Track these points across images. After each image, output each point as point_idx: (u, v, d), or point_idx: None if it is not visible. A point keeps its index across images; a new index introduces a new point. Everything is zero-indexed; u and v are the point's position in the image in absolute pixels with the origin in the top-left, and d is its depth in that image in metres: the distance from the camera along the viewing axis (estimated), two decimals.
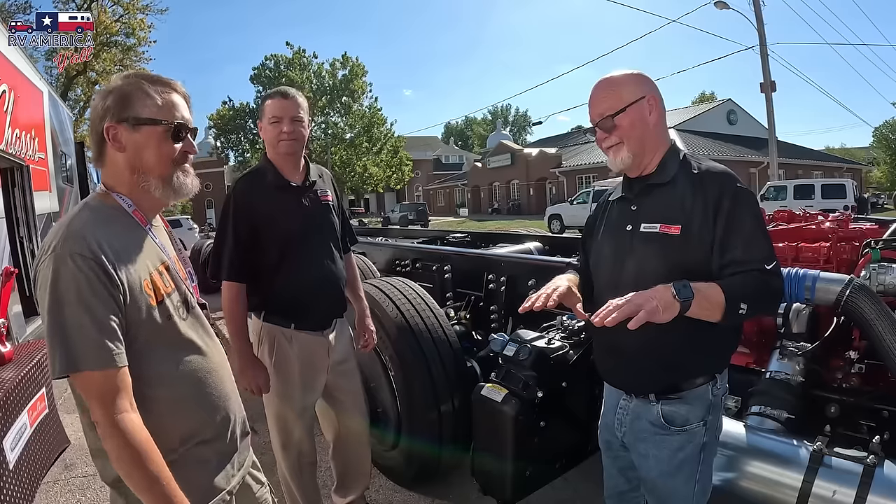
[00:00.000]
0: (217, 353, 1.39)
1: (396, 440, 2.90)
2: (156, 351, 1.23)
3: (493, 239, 5.22)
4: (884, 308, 1.99)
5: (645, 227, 1.56)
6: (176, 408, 1.26)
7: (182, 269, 1.40)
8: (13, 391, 2.98)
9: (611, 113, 1.55)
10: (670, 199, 1.54)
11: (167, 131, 1.26)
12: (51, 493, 3.22)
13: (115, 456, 1.10)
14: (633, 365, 1.61)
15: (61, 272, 1.10)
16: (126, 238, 1.23)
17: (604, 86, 1.60)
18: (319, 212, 2.42)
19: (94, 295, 1.10)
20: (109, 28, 22.46)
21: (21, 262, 6.23)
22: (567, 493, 2.83)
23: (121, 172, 1.27)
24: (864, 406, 2.11)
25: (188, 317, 1.32)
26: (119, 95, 1.23)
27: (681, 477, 1.60)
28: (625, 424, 1.69)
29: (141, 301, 1.19)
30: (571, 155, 37.85)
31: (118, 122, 1.22)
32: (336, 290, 2.43)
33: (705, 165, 1.56)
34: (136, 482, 1.11)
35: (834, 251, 2.69)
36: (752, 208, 1.49)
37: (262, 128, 2.33)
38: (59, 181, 8.10)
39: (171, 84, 1.31)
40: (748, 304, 1.39)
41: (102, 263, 1.12)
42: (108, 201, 1.27)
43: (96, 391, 1.10)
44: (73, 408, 4.55)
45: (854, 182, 20.86)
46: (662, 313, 1.32)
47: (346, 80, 39.73)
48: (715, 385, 1.58)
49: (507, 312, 3.31)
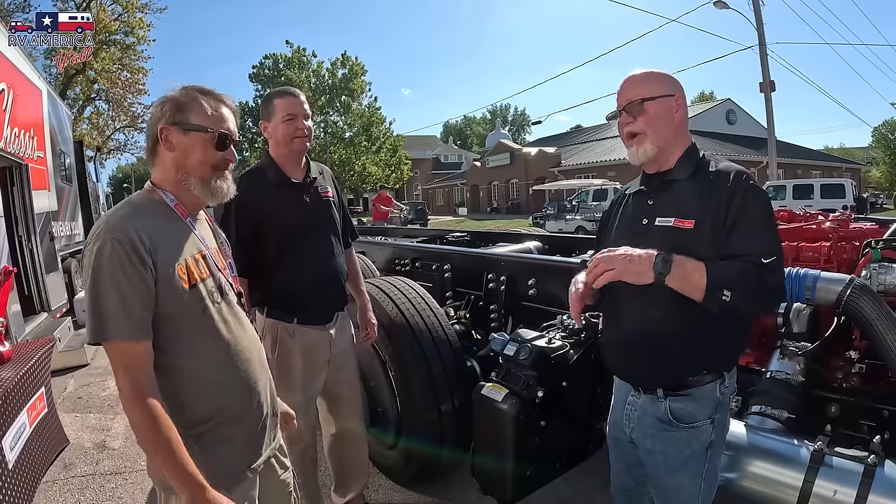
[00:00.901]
0: (247, 339, 1.50)
1: (396, 440, 2.89)
2: (186, 330, 1.35)
3: (492, 238, 5.21)
4: (884, 308, 1.98)
5: (660, 221, 1.60)
6: (202, 386, 1.37)
7: (222, 260, 1.53)
8: (12, 390, 2.97)
9: (642, 97, 1.59)
10: (686, 195, 1.58)
11: (212, 139, 1.41)
12: (49, 492, 3.22)
13: (138, 424, 1.22)
14: (641, 360, 1.63)
15: (100, 254, 1.24)
16: (165, 228, 1.36)
17: (637, 76, 1.65)
18: (320, 208, 2.45)
19: (126, 275, 1.24)
20: (108, 27, 22.38)
21: (20, 261, 6.22)
22: (567, 493, 2.83)
23: (168, 170, 1.42)
24: (865, 406, 2.11)
25: (222, 303, 1.44)
26: (175, 103, 1.40)
27: (687, 474, 1.61)
28: (633, 420, 1.71)
29: (173, 283, 1.32)
30: (570, 154, 37.89)
31: (171, 125, 1.39)
32: (337, 285, 2.47)
33: (723, 164, 1.59)
34: (157, 448, 1.22)
35: (834, 251, 2.69)
36: (762, 204, 1.50)
37: (272, 126, 2.34)
38: (57, 180, 8.06)
39: (222, 98, 1.47)
40: (734, 292, 1.40)
41: (136, 247, 1.26)
42: (153, 196, 1.42)
43: (121, 360, 1.25)
44: (72, 407, 4.58)
45: (853, 182, 20.88)
46: (634, 277, 1.45)
47: (345, 80, 39.72)
48: (723, 383, 1.60)
49: (506, 312, 3.30)
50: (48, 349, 3.81)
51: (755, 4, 18.06)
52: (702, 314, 1.47)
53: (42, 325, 6.13)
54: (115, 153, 26.94)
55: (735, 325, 1.59)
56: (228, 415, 1.41)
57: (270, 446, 1.56)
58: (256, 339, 1.57)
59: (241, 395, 1.44)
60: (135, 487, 3.25)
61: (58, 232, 7.66)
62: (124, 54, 23.88)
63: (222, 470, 1.37)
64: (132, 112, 24.83)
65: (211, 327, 1.39)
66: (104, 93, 24.44)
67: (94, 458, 3.65)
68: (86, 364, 5.88)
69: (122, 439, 3.93)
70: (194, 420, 1.35)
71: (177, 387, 1.33)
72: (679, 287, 1.45)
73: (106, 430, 4.11)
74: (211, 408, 1.38)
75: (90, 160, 13.75)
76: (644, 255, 1.46)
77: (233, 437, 1.41)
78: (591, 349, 2.28)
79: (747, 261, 1.43)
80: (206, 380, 1.37)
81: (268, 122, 2.35)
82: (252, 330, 1.57)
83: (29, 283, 6.43)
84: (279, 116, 2.31)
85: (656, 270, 1.43)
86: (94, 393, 5.01)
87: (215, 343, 1.40)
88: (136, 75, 24.41)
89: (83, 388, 5.15)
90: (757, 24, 18.12)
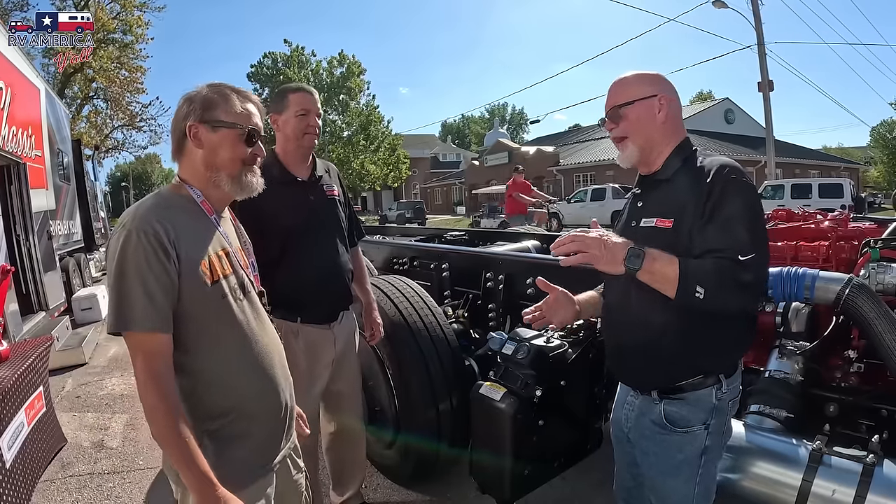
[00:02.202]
0: (268, 337, 1.51)
1: (394, 439, 2.89)
2: (207, 325, 1.35)
3: (490, 237, 5.22)
4: (883, 307, 1.99)
5: (644, 222, 1.60)
6: (220, 381, 1.37)
7: (245, 258, 1.55)
8: (10, 390, 2.96)
9: (618, 104, 1.61)
10: (669, 195, 1.57)
11: (241, 135, 1.42)
12: (47, 492, 3.21)
13: (151, 412, 1.23)
14: (636, 361, 1.63)
15: (126, 245, 1.25)
16: (190, 223, 1.37)
17: (619, 81, 1.66)
18: (324, 206, 2.45)
19: (150, 268, 1.24)
20: (107, 25, 22.30)
21: (17, 259, 6.21)
22: (565, 492, 2.83)
23: (196, 167, 1.43)
24: (864, 405, 2.11)
25: (244, 300, 1.45)
26: (203, 100, 1.40)
27: (680, 478, 1.60)
28: (630, 420, 1.72)
29: (197, 278, 1.32)
30: (569, 153, 37.87)
31: (200, 122, 1.39)
32: (340, 284, 2.47)
33: (709, 160, 1.55)
34: (167, 438, 1.23)
35: (833, 250, 2.69)
36: (743, 197, 1.45)
37: (284, 119, 2.34)
38: (55, 179, 8.05)
39: (249, 95, 1.48)
40: (706, 289, 1.37)
41: (162, 241, 1.26)
42: (180, 192, 1.43)
43: (140, 351, 1.25)
44: (70, 406, 4.57)
45: (851, 181, 20.91)
46: (603, 265, 1.44)
47: (343, 78, 39.62)
48: (720, 388, 1.56)
49: (505, 311, 3.30)
50: (46, 348, 3.80)
51: (754, 4, 18.07)
52: (699, 315, 1.44)
53: (40, 324, 6.12)
54: (113, 152, 26.80)
55: (733, 328, 1.54)
56: (247, 411, 1.41)
57: (287, 445, 1.56)
58: (277, 337, 1.57)
59: (260, 391, 1.45)
60: (133, 487, 3.25)
61: (56, 231, 7.65)
62: (122, 53, 23.78)
63: (238, 466, 1.38)
64: (130, 111, 24.74)
65: (232, 323, 1.40)
66: (102, 91, 24.36)
67: (92, 458, 3.65)
68: (84, 363, 5.87)
69: (120, 438, 3.93)
70: (212, 414, 1.36)
71: (195, 381, 1.33)
72: (650, 281, 1.43)
73: (104, 430, 4.11)
74: (229, 403, 1.38)
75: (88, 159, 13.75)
76: (620, 243, 1.44)
77: (250, 433, 1.42)
78: (589, 348, 2.28)
79: (722, 256, 1.38)
80: (225, 375, 1.38)
81: (279, 115, 2.35)
82: (273, 329, 1.57)
83: (27, 281, 6.43)
84: (292, 111, 2.32)
85: (627, 263, 1.41)
86: (92, 392, 5.01)
87: (236, 339, 1.40)
88: (135, 74, 24.31)
89: (81, 388, 5.14)
90: (756, 23, 18.14)
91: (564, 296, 1.81)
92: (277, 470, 1.52)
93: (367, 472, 2.99)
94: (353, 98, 40.16)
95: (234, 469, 1.36)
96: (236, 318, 1.40)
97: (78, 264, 9.29)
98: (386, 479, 3.12)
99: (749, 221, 1.43)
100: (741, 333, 1.60)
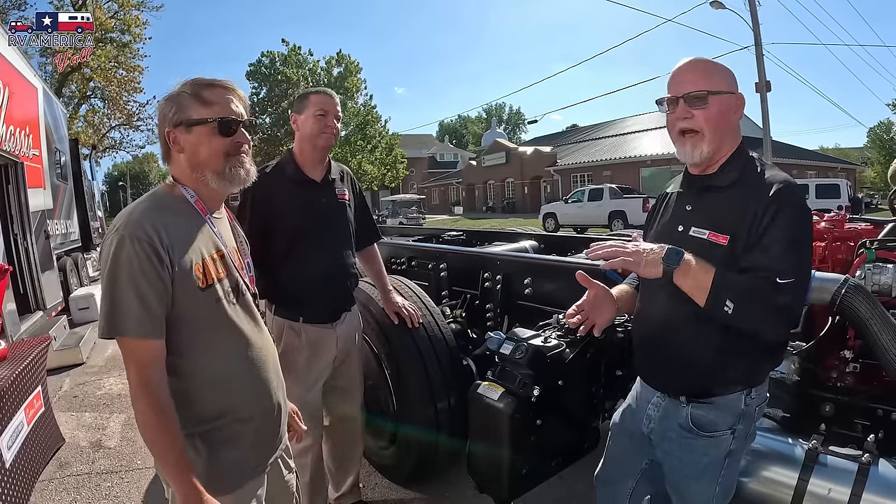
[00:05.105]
0: (262, 340, 1.50)
1: (393, 438, 2.90)
2: (200, 329, 1.35)
3: (488, 237, 5.21)
4: (879, 308, 1.99)
5: (695, 231, 1.51)
6: (213, 384, 1.37)
7: (240, 259, 1.52)
8: (9, 389, 2.96)
9: (708, 90, 1.46)
10: (725, 206, 1.48)
11: (214, 128, 1.38)
12: (46, 491, 3.21)
13: (142, 417, 1.23)
14: (668, 366, 1.60)
15: (119, 250, 1.24)
16: (184, 225, 1.36)
17: (703, 64, 1.52)
18: (334, 209, 2.49)
19: (143, 274, 1.23)
20: (104, 24, 22.26)
21: (15, 259, 6.20)
22: (563, 492, 2.84)
23: (183, 169, 1.41)
24: (859, 405, 2.11)
25: (237, 303, 1.44)
26: (173, 102, 1.38)
27: (704, 481, 1.59)
28: (654, 421, 1.68)
29: (190, 282, 1.31)
30: (566, 154, 37.90)
31: (175, 127, 1.38)
32: (343, 285, 2.51)
33: (770, 173, 1.47)
34: (155, 443, 1.24)
35: (829, 251, 2.70)
36: (796, 221, 1.39)
37: (303, 119, 2.40)
38: (53, 178, 8.04)
39: (218, 83, 1.43)
40: (736, 304, 1.34)
41: (155, 246, 1.25)
42: (174, 192, 1.41)
43: (133, 356, 1.25)
44: (67, 406, 4.56)
45: (848, 182, 20.96)
46: (643, 268, 1.40)
47: (340, 78, 39.54)
48: (749, 395, 1.53)
49: (502, 310, 3.30)
50: (44, 348, 3.79)
51: (751, 5, 18.12)
52: (733, 330, 1.41)
53: (37, 323, 6.12)
54: (110, 151, 26.73)
55: (766, 343, 1.49)
56: (240, 414, 1.41)
57: (279, 447, 1.57)
58: (270, 340, 1.57)
59: (253, 394, 1.45)
60: (130, 486, 3.25)
61: (53, 230, 7.65)
62: (120, 52, 23.73)
63: (230, 468, 1.38)
64: (128, 110, 24.69)
65: (226, 326, 1.39)
66: (100, 91, 24.32)
67: (90, 457, 3.64)
68: (81, 363, 5.86)
69: (118, 438, 3.92)
70: (205, 416, 1.35)
71: (189, 384, 1.33)
72: (683, 283, 1.40)
73: (102, 429, 4.10)
74: (222, 406, 1.38)
75: (85, 158, 13.73)
76: (657, 248, 1.41)
77: (242, 435, 1.41)
78: (587, 348, 2.28)
79: (760, 276, 1.34)
80: (219, 378, 1.37)
81: (299, 115, 2.41)
82: (267, 331, 1.56)
83: (24, 281, 6.42)
84: (311, 111, 2.37)
85: (665, 260, 1.38)
86: (90, 392, 5.00)
87: (230, 342, 1.40)
88: (132, 73, 24.27)
89: (79, 387, 5.14)
90: (753, 24, 18.18)
91: (605, 292, 1.73)
92: (269, 471, 1.53)
93: (366, 472, 2.99)
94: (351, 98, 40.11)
95: (227, 470, 1.37)
96: (230, 320, 1.40)
97: (75, 264, 9.28)
98: (384, 478, 3.13)
99: (796, 245, 1.38)
100: (775, 350, 1.57)
